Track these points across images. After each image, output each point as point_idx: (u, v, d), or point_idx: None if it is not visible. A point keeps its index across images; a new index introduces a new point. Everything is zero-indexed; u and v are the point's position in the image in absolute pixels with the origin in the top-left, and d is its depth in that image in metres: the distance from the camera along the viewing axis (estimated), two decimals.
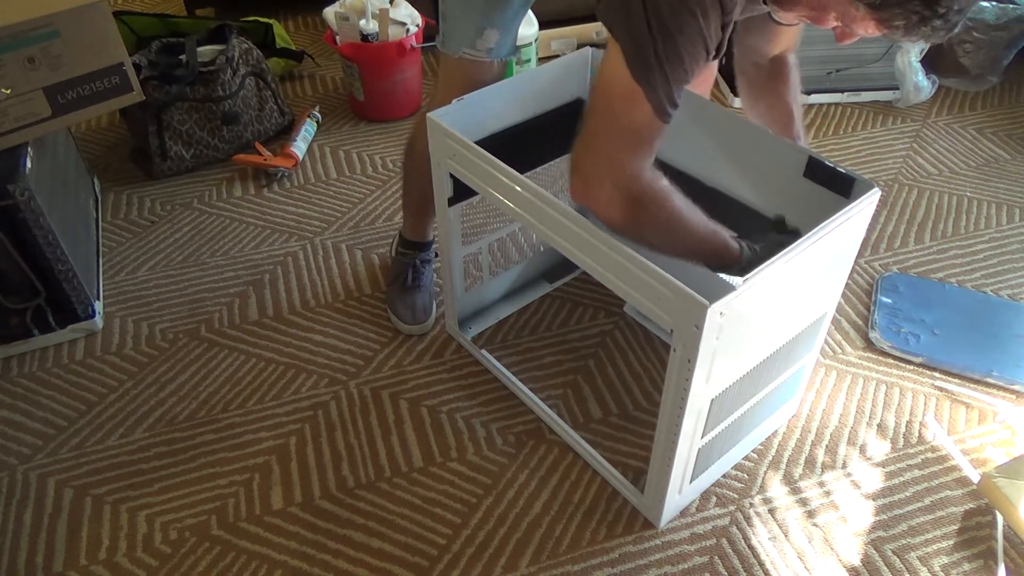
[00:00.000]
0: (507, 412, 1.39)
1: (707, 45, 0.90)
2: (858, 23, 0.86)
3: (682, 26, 0.87)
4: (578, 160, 0.97)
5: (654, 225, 0.99)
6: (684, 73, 0.90)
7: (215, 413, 1.39)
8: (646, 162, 0.95)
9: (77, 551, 1.20)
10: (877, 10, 0.81)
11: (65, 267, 1.44)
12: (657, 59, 0.88)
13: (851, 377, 1.46)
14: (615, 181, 0.95)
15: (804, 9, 0.91)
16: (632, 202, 0.96)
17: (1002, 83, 2.31)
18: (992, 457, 1.33)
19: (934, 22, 0.79)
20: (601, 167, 0.95)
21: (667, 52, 0.88)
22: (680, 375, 0.97)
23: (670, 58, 0.88)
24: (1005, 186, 1.94)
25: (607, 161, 0.94)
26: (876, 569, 1.17)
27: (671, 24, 0.86)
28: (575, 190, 0.98)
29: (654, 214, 0.97)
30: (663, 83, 0.89)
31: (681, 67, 0.89)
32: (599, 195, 0.96)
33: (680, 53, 0.88)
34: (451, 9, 1.21)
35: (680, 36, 0.87)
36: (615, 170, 0.94)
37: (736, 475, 1.30)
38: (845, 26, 0.88)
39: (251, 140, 2.01)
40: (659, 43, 0.87)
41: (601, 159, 0.95)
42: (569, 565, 1.17)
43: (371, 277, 1.67)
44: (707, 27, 0.88)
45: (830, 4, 0.87)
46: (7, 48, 1.30)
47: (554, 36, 2.38)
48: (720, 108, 1.28)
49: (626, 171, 0.94)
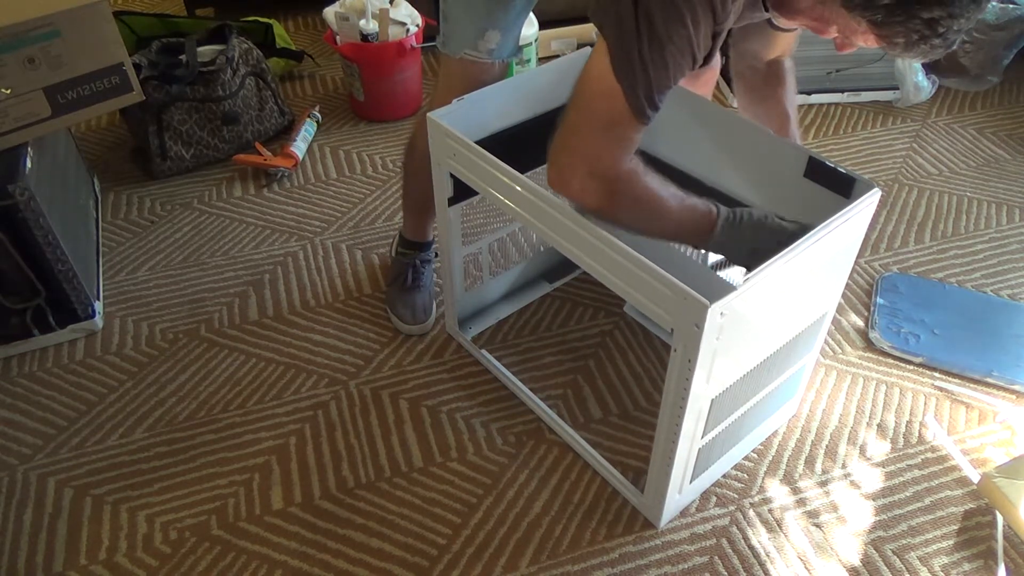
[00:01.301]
0: (507, 412, 1.39)
1: (695, 54, 0.90)
2: (859, 36, 0.86)
3: (671, 34, 0.87)
4: (555, 151, 0.98)
5: (630, 210, 1.00)
6: (667, 79, 0.91)
7: (215, 413, 1.39)
8: (623, 156, 0.96)
9: (77, 551, 1.20)
10: (879, 27, 0.82)
11: (65, 267, 1.44)
12: (642, 62, 0.88)
13: (851, 377, 1.46)
14: (590, 171, 0.96)
15: (806, 19, 0.92)
16: (606, 191, 0.97)
17: (1002, 83, 2.31)
18: (992, 457, 1.33)
19: (933, 40, 0.80)
20: (576, 158, 0.96)
21: (653, 57, 0.88)
22: (680, 375, 0.97)
23: (655, 63, 0.89)
24: (1005, 186, 1.94)
25: (583, 153, 0.96)
26: (876, 569, 1.17)
27: (661, 31, 0.87)
28: (551, 179, 0.99)
29: (629, 200, 0.99)
30: (644, 86, 0.90)
31: (665, 73, 0.90)
32: (573, 184, 0.98)
33: (666, 60, 0.89)
34: (452, 10, 1.21)
35: (669, 44, 0.88)
36: (590, 162, 0.96)
37: (736, 475, 1.30)
38: (845, 37, 0.89)
39: (251, 140, 2.01)
40: (645, 47, 0.88)
41: (577, 151, 0.96)
42: (569, 565, 1.17)
43: (371, 277, 1.67)
44: (696, 36, 0.88)
45: (832, 17, 0.87)
46: (7, 48, 1.30)
47: (554, 36, 2.38)
48: (720, 108, 1.28)
49: (602, 163, 0.96)
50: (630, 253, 0.96)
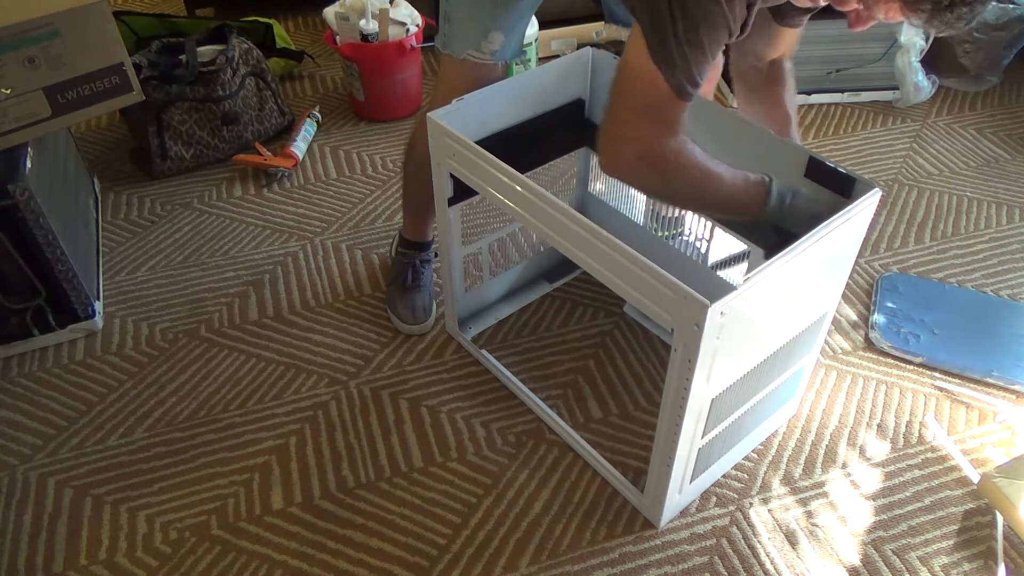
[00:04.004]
0: (507, 412, 1.39)
1: (730, 27, 0.91)
2: (880, 6, 0.85)
3: (704, 12, 0.88)
4: (604, 140, 0.99)
5: (684, 186, 1.01)
6: (704, 57, 0.91)
7: (215, 413, 1.39)
8: (669, 136, 0.97)
9: (77, 551, 1.20)
10: None
11: (65, 267, 1.44)
12: (677, 42, 0.89)
13: (851, 377, 1.46)
14: (638, 155, 0.97)
15: None
16: (658, 171, 0.98)
17: (1002, 83, 2.31)
18: (992, 457, 1.33)
19: (960, 9, 0.79)
20: (623, 144, 0.97)
21: (688, 37, 0.89)
22: (680, 375, 0.97)
23: (691, 42, 0.89)
24: (1005, 186, 1.94)
25: (629, 138, 0.97)
26: (876, 569, 1.17)
27: (694, 10, 0.87)
28: (604, 166, 1.01)
29: (681, 176, 1.00)
30: (683, 66, 0.91)
31: (701, 51, 0.91)
32: (624, 169, 0.99)
33: (701, 38, 0.89)
34: (456, 11, 1.21)
35: (702, 23, 0.88)
36: (637, 146, 0.97)
37: (736, 475, 1.30)
38: (866, 8, 0.88)
39: (251, 140, 2.01)
40: (680, 28, 0.88)
41: (623, 137, 0.97)
42: (569, 565, 1.17)
43: (371, 277, 1.67)
44: (731, 10, 0.89)
45: None
46: (7, 48, 1.30)
47: (554, 36, 2.38)
48: (720, 108, 1.28)
49: (649, 145, 0.96)
50: (630, 253, 0.96)
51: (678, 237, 1.53)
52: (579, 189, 1.65)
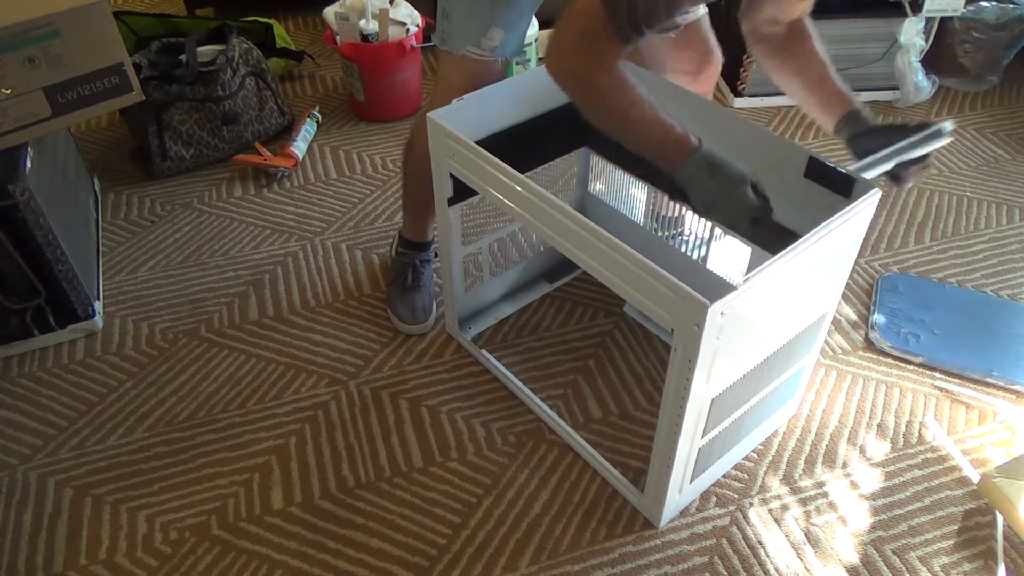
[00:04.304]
0: (507, 412, 1.39)
1: None
2: None
3: None
4: (552, 38, 1.02)
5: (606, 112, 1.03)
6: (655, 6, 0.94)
7: (215, 413, 1.39)
8: (604, 72, 0.99)
9: (77, 551, 1.20)
10: None
11: (65, 267, 1.44)
12: None
13: (851, 377, 1.46)
14: (573, 68, 1.00)
15: None
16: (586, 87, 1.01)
17: (1002, 83, 2.31)
18: (992, 457, 1.33)
19: None
20: (564, 53, 1.00)
21: None
22: (680, 375, 0.97)
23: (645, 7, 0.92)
24: (1005, 186, 1.94)
25: (569, 50, 1.00)
26: (876, 569, 1.17)
27: None
28: (547, 62, 1.03)
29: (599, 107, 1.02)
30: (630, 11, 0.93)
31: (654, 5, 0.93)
32: (558, 73, 1.02)
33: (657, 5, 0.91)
34: (455, 7, 1.21)
35: None
36: (575, 59, 1.00)
37: (736, 475, 1.30)
38: None
39: (251, 140, 2.01)
40: None
41: (566, 47, 1.00)
42: (569, 565, 1.17)
43: (371, 277, 1.67)
44: None
45: None
46: (7, 48, 1.30)
47: None
48: (720, 108, 1.28)
49: (584, 62, 0.99)
50: (630, 253, 0.96)
51: (678, 237, 1.53)
52: (579, 189, 1.65)
